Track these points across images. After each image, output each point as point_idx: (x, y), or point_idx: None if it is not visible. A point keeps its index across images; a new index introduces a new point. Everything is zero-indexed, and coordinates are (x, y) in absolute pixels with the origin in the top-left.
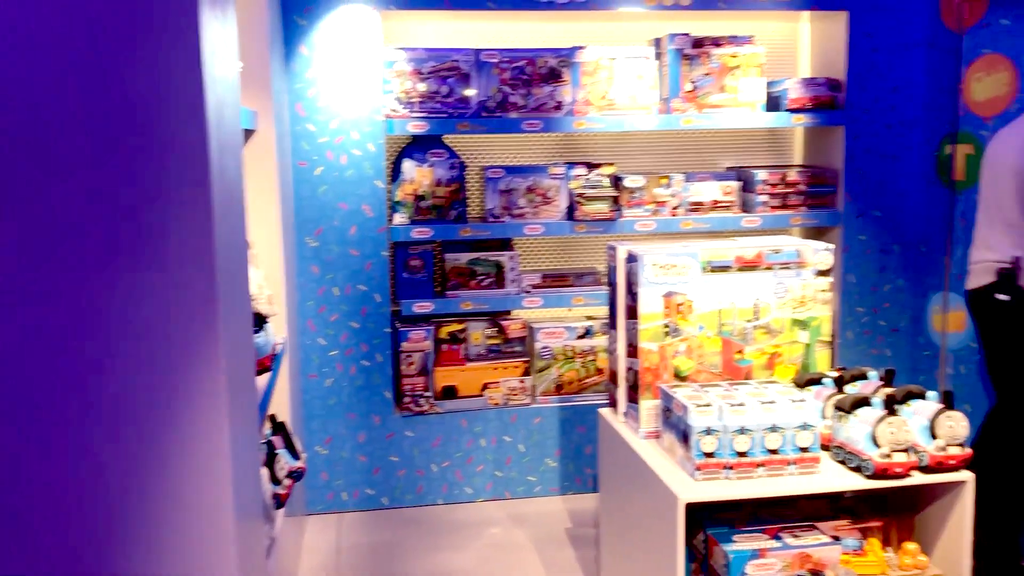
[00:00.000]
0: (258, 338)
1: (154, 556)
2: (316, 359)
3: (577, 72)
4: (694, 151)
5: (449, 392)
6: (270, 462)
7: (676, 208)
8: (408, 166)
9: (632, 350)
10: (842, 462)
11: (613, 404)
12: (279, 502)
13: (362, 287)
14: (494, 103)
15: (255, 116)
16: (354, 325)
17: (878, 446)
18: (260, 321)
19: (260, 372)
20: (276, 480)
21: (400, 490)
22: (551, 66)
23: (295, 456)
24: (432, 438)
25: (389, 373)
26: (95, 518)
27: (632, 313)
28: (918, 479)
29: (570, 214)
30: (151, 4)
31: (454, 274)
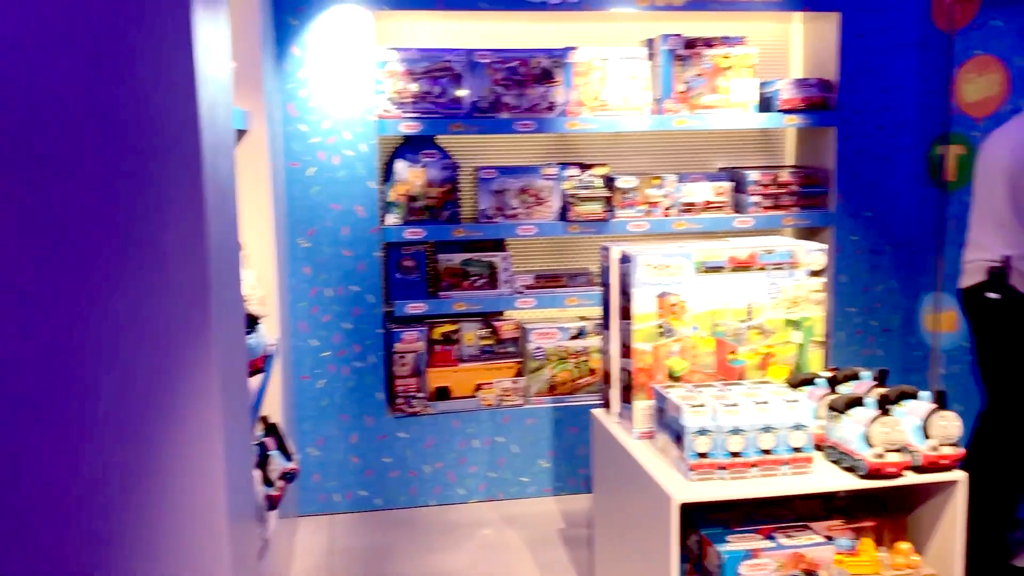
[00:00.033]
0: (250, 339)
1: (147, 557)
2: (308, 360)
3: (570, 73)
4: (687, 152)
5: (442, 393)
6: (263, 464)
7: (669, 209)
8: (401, 167)
9: (625, 351)
10: (835, 462)
11: (606, 405)
12: (272, 504)
13: (355, 288)
14: (487, 104)
15: (247, 116)
16: (347, 326)
17: (871, 446)
18: (252, 322)
19: (253, 373)
20: (269, 482)
21: (393, 491)
22: (544, 67)
23: (288, 458)
24: (425, 439)
25: (382, 374)
26: (87, 519)
27: (625, 314)
28: (911, 479)
29: (563, 215)
30: (144, 4)
31: (447, 275)
